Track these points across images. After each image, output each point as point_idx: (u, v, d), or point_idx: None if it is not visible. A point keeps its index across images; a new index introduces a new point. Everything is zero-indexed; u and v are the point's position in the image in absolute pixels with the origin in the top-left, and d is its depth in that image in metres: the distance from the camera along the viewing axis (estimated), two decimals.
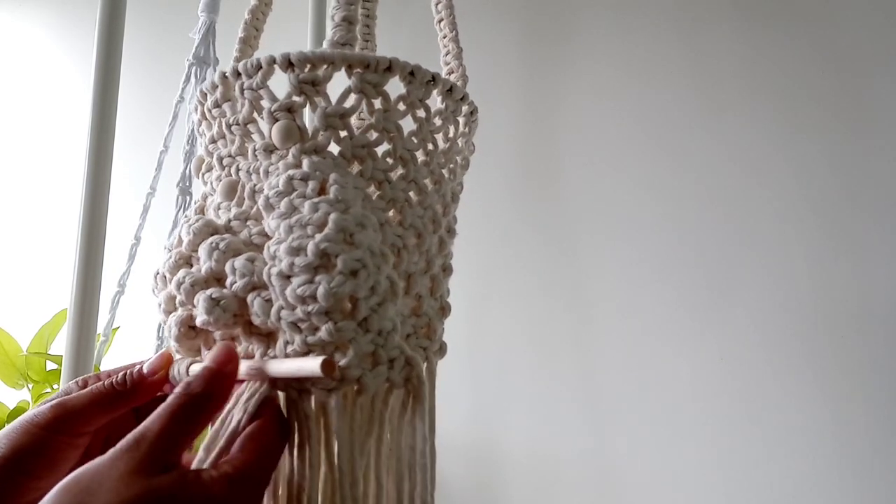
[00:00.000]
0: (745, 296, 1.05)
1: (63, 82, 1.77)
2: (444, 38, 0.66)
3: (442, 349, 0.54)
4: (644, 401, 1.09)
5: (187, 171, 1.10)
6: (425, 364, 0.51)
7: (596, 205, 1.17)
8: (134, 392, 0.47)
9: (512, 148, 1.23)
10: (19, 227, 1.74)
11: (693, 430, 1.05)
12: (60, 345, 0.90)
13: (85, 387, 0.48)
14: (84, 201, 0.85)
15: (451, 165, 0.57)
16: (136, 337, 1.17)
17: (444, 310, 0.55)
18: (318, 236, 0.42)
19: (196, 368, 0.47)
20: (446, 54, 0.65)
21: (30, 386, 1.05)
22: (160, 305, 0.51)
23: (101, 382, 0.47)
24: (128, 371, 0.48)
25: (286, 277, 0.42)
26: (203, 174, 0.56)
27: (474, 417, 1.17)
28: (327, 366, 0.40)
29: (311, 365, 0.41)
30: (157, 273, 0.52)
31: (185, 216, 0.54)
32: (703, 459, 1.04)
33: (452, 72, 0.64)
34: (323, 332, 0.42)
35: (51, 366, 1.05)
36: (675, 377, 1.07)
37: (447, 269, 0.56)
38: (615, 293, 1.13)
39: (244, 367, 0.44)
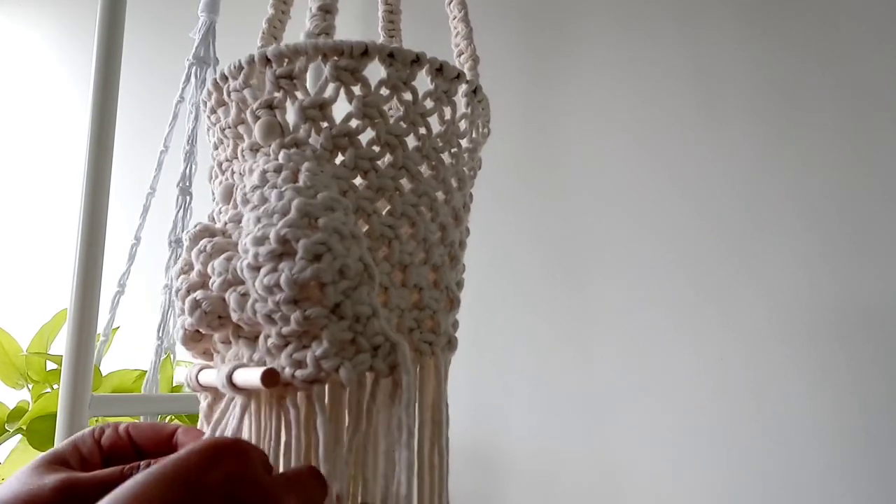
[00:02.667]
0: (745, 296, 1.03)
1: (63, 82, 1.80)
2: (454, 19, 0.64)
3: (451, 344, 0.52)
4: (644, 401, 1.07)
5: (187, 171, 1.10)
6: (432, 359, 0.49)
7: (596, 207, 1.16)
8: None
9: (512, 154, 1.22)
10: (19, 227, 1.75)
11: (693, 430, 1.03)
12: (60, 345, 0.90)
13: (100, 438, 0.45)
14: (84, 201, 0.86)
15: (453, 149, 0.55)
16: (136, 337, 1.17)
17: (453, 302, 0.53)
18: (280, 223, 0.41)
19: (206, 375, 0.47)
20: (456, 35, 0.64)
21: (30, 386, 1.06)
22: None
23: (117, 470, 0.41)
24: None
25: (255, 269, 0.41)
26: (212, 181, 0.56)
27: (475, 418, 1.16)
28: (267, 377, 0.39)
29: (254, 376, 0.40)
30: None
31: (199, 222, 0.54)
32: (704, 459, 1.02)
33: (462, 52, 0.63)
34: (292, 322, 0.40)
35: (51, 366, 1.05)
36: (675, 377, 1.05)
37: (454, 259, 0.54)
38: (615, 293, 1.12)
39: (219, 376, 0.43)
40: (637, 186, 1.13)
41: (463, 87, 0.56)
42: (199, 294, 0.44)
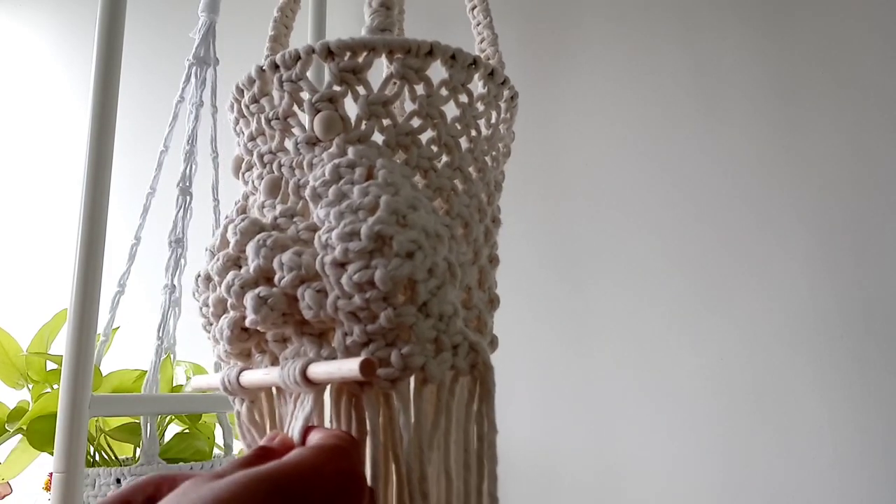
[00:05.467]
0: (745, 296, 1.05)
1: (63, 82, 1.78)
2: (479, 24, 0.65)
3: (494, 343, 0.53)
4: (644, 401, 1.09)
5: (187, 171, 1.10)
6: None
7: (596, 207, 1.17)
8: None
9: (513, 155, 1.22)
10: (19, 227, 1.74)
11: (693, 430, 1.05)
12: (60, 345, 0.89)
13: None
14: (84, 201, 0.85)
15: (494, 153, 0.56)
16: (136, 337, 1.15)
17: (493, 302, 0.54)
18: (370, 220, 0.41)
19: (248, 376, 0.46)
20: (481, 41, 0.64)
21: (30, 386, 1.04)
22: (205, 308, 0.49)
23: None
24: None
25: (340, 265, 0.40)
26: (243, 173, 0.54)
27: None
28: (367, 366, 0.38)
29: (349, 366, 0.39)
30: (200, 276, 0.50)
31: (227, 217, 0.52)
32: (703, 459, 1.04)
33: (489, 58, 0.63)
34: (382, 319, 0.40)
35: (51, 366, 1.03)
36: (675, 377, 1.07)
37: (494, 260, 0.55)
38: (615, 293, 1.13)
39: (288, 372, 0.42)
40: (637, 187, 1.15)
41: (506, 93, 0.57)
42: (262, 290, 0.43)
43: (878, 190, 1.01)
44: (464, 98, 0.51)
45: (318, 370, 0.41)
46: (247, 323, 0.44)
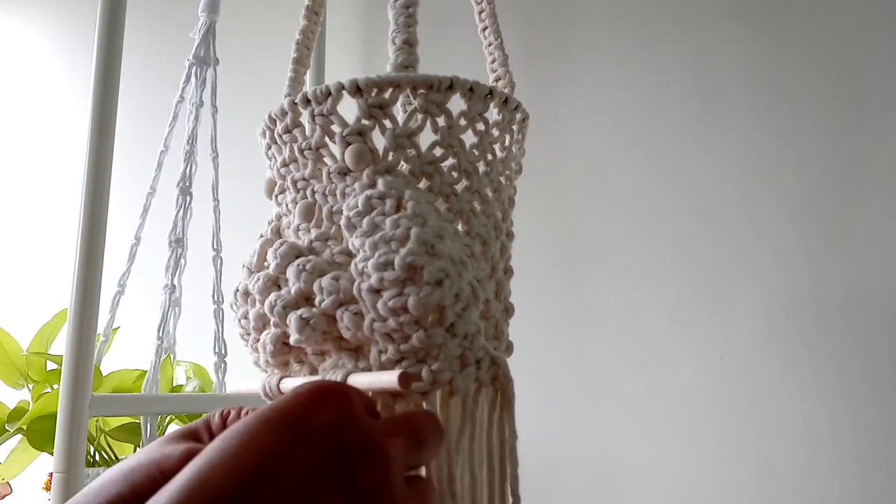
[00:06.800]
0: (745, 296, 1.07)
1: (63, 82, 1.78)
2: (490, 45, 0.68)
3: (509, 348, 0.57)
4: (644, 401, 1.10)
5: (187, 171, 1.11)
6: None
7: (596, 207, 1.19)
8: None
9: None
10: (19, 227, 1.74)
11: (693, 431, 1.07)
12: (60, 345, 0.90)
13: (226, 417, 0.47)
14: (84, 201, 0.86)
15: (508, 172, 0.60)
16: (136, 337, 1.17)
17: (508, 310, 0.58)
18: (402, 251, 0.45)
19: (288, 383, 0.50)
20: (492, 62, 0.68)
21: (30, 386, 1.05)
22: (244, 321, 0.53)
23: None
24: None
25: (376, 292, 0.45)
26: (276, 196, 0.59)
27: None
28: (404, 379, 0.43)
29: (387, 378, 0.43)
30: (239, 290, 0.54)
31: (261, 235, 0.57)
32: (703, 459, 1.06)
33: (500, 79, 0.67)
34: (415, 340, 0.45)
35: (51, 366, 1.05)
36: (675, 378, 1.09)
37: (508, 272, 0.59)
38: (614, 293, 1.15)
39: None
40: (637, 187, 1.16)
41: (518, 116, 0.60)
42: (304, 311, 0.48)
43: (878, 189, 1.03)
44: (481, 126, 0.55)
45: (359, 380, 0.45)
46: (291, 341, 0.49)
